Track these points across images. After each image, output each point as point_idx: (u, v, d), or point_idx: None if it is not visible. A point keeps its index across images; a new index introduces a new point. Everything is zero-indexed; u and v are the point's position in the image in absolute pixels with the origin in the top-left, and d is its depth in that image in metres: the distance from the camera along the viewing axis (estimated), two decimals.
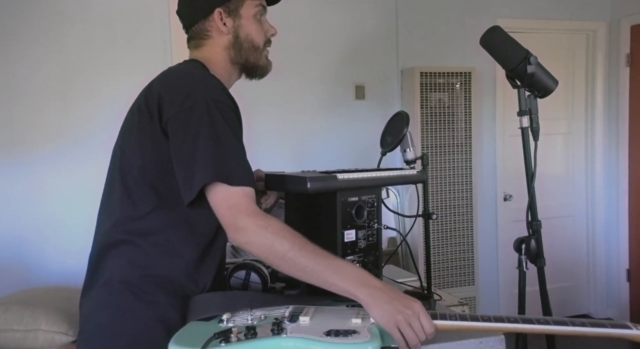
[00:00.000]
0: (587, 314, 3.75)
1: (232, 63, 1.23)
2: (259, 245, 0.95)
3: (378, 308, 0.90)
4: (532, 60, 1.39)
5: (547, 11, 3.49)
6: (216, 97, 1.05)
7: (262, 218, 0.97)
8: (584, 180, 3.73)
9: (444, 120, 3.17)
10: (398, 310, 0.89)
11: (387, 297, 0.91)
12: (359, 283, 0.94)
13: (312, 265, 0.95)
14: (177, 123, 1.02)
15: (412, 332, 0.88)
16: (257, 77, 1.31)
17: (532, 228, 1.47)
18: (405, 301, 0.91)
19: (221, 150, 1.00)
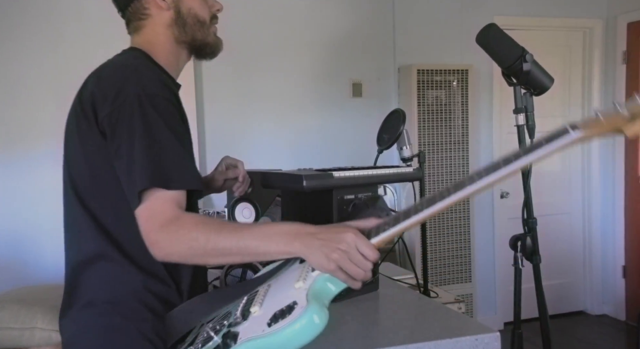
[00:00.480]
0: (583, 310, 3.77)
1: (177, 43, 1.12)
2: (177, 252, 0.88)
3: (313, 255, 0.83)
4: (528, 57, 1.39)
5: (544, 8, 3.50)
6: (150, 90, 0.95)
7: (172, 224, 0.88)
8: (580, 177, 3.74)
9: (441, 118, 3.17)
10: (332, 249, 0.82)
11: (319, 240, 0.84)
12: (291, 238, 0.86)
13: (235, 244, 0.87)
14: (110, 123, 0.93)
15: (354, 266, 0.82)
16: (207, 57, 1.20)
17: (527, 226, 1.48)
18: (337, 236, 0.83)
19: (155, 150, 0.91)
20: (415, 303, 1.26)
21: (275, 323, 0.79)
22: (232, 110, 2.96)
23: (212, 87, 2.91)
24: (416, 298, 1.30)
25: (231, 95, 2.96)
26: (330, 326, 1.07)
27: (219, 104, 2.93)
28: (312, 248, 0.83)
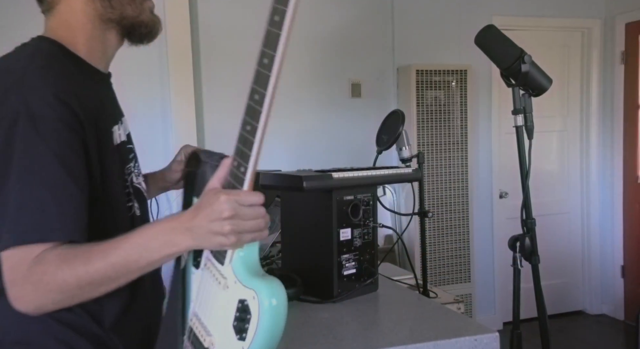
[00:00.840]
0: (582, 310, 3.77)
1: (102, 22, 0.89)
2: (49, 302, 0.75)
3: (208, 241, 0.73)
4: (527, 59, 1.39)
5: (542, 8, 3.50)
6: (36, 108, 0.74)
7: (34, 272, 0.72)
8: (579, 177, 3.75)
9: (440, 118, 3.17)
10: (221, 224, 0.71)
11: (202, 223, 0.72)
12: (171, 238, 0.74)
13: (111, 268, 0.74)
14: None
15: (251, 221, 0.73)
16: (144, 40, 0.98)
17: (526, 226, 1.48)
18: (214, 207, 0.72)
19: (31, 196, 0.74)
20: (415, 303, 1.26)
21: (245, 333, 0.72)
22: (231, 110, 2.95)
23: (211, 86, 2.91)
24: (415, 298, 1.31)
25: (230, 95, 2.96)
26: (330, 326, 1.08)
27: (217, 104, 2.93)
28: (201, 236, 0.73)
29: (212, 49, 2.91)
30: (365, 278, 1.29)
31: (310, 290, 1.27)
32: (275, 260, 1.53)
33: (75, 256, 0.74)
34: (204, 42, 2.89)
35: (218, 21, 2.92)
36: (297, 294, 1.23)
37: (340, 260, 1.25)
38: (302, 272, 1.29)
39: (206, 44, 2.89)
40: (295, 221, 1.32)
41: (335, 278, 1.23)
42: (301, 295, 1.25)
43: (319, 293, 1.25)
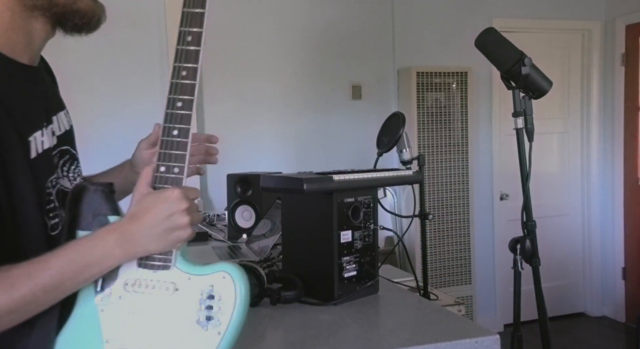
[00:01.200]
0: (583, 312, 3.77)
1: (26, 9, 0.76)
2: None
3: (157, 245, 0.70)
4: (527, 61, 1.39)
5: (543, 10, 3.51)
6: None
7: None
8: (579, 179, 3.75)
9: (440, 120, 3.18)
10: (172, 226, 0.69)
11: (152, 225, 0.69)
12: (114, 249, 0.69)
13: (41, 289, 0.65)
14: None
15: (195, 227, 0.72)
16: (82, 31, 0.85)
17: (526, 229, 1.48)
18: (162, 207, 0.69)
19: None
20: (415, 305, 1.26)
21: (216, 318, 0.72)
22: (232, 112, 2.97)
23: (212, 89, 2.92)
24: (416, 300, 1.31)
25: (231, 98, 2.97)
26: (331, 329, 1.08)
27: (218, 106, 2.94)
28: (155, 237, 0.69)
29: (213, 46, 2.91)
30: (366, 280, 1.29)
31: (310, 292, 1.27)
32: (276, 262, 1.53)
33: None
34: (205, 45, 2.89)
35: (221, 26, 2.92)
36: (297, 297, 1.24)
37: (341, 262, 1.25)
38: (302, 274, 1.29)
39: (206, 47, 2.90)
40: (296, 223, 1.32)
41: (336, 280, 1.23)
42: (302, 297, 1.25)
43: (320, 295, 1.25)
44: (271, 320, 1.14)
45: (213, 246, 1.92)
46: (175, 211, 0.69)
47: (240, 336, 0.76)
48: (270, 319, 1.15)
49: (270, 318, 1.15)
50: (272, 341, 1.04)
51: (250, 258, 1.65)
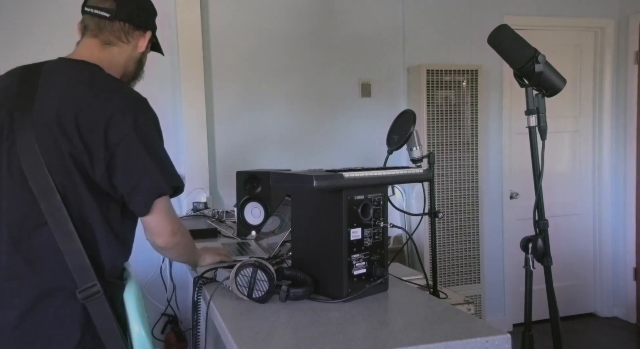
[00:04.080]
0: (593, 312, 3.74)
1: (122, 71, 1.30)
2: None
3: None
4: (540, 58, 1.38)
5: (555, 8, 3.47)
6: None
7: None
8: (590, 178, 3.71)
9: (450, 118, 3.16)
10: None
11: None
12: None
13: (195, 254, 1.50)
14: None
15: None
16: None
17: (538, 228, 1.47)
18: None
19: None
20: (425, 304, 1.26)
21: None
22: (241, 110, 2.97)
23: (221, 85, 2.93)
24: (426, 299, 1.30)
25: (240, 95, 2.97)
26: (341, 326, 1.08)
27: (227, 103, 2.94)
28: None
29: (222, 44, 2.92)
30: (375, 278, 1.29)
31: (320, 289, 1.27)
32: (285, 259, 1.53)
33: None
34: (215, 43, 2.90)
35: (229, 16, 2.92)
36: (307, 294, 1.24)
37: (351, 260, 1.24)
38: (311, 271, 1.29)
39: (216, 44, 2.90)
40: (306, 220, 1.32)
41: (345, 278, 1.23)
42: (311, 294, 1.25)
43: (329, 292, 1.25)
44: (280, 317, 1.14)
45: (222, 243, 1.93)
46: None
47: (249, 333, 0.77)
48: (279, 316, 1.15)
49: (279, 314, 1.16)
50: (281, 337, 1.04)
51: (259, 255, 1.66)
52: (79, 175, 1.11)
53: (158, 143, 1.19)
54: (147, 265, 2.79)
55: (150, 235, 1.22)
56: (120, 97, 1.16)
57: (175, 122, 2.85)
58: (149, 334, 1.20)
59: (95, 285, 1.11)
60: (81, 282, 1.11)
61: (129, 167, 1.13)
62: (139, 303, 1.21)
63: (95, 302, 1.11)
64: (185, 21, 2.79)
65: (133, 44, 1.29)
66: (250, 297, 1.22)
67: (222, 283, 1.32)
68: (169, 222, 1.21)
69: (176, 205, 2.82)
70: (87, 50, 1.24)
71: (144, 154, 1.13)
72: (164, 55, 1.47)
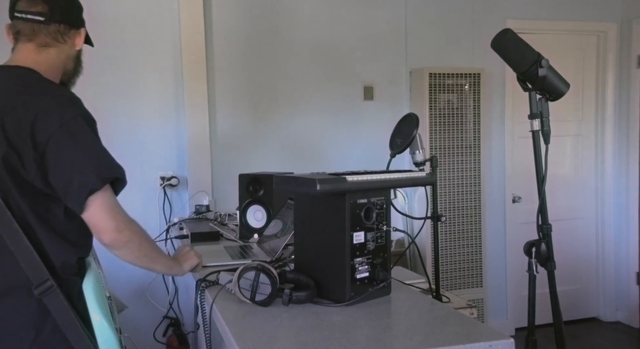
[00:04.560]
0: (596, 317, 3.72)
1: (62, 71, 1.32)
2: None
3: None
4: (544, 63, 1.38)
5: (557, 12, 3.47)
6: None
7: None
8: (593, 182, 3.70)
9: (452, 122, 3.16)
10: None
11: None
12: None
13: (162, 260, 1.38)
14: None
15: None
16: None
17: (542, 232, 1.46)
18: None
19: None
20: (428, 308, 1.26)
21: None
22: (243, 112, 2.98)
23: (224, 89, 2.93)
24: (428, 302, 1.30)
25: (243, 98, 2.98)
26: (343, 330, 1.07)
27: (230, 106, 2.95)
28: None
29: (225, 46, 2.93)
30: (378, 281, 1.29)
31: (322, 293, 1.27)
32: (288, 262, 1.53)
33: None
34: (217, 45, 2.90)
35: (232, 19, 2.93)
36: (310, 297, 1.23)
37: (353, 263, 1.24)
38: (314, 275, 1.29)
39: (219, 47, 2.91)
40: (308, 223, 1.32)
41: (348, 282, 1.23)
42: (314, 298, 1.25)
43: (332, 295, 1.25)
44: (283, 320, 1.14)
45: (225, 246, 1.93)
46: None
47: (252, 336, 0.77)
48: (282, 319, 1.15)
49: (282, 318, 1.15)
50: (284, 341, 1.04)
51: (261, 258, 1.66)
52: (9, 179, 1.13)
53: (89, 138, 1.17)
54: None
55: (95, 232, 1.18)
56: (45, 97, 1.17)
57: (178, 124, 2.85)
58: (111, 323, 1.21)
59: (48, 279, 1.13)
60: (35, 279, 1.13)
61: (59, 165, 1.12)
62: (97, 293, 1.21)
63: (51, 296, 1.13)
64: (188, 24, 2.80)
65: (70, 43, 1.31)
66: (253, 300, 1.21)
67: (224, 286, 1.32)
68: (110, 218, 1.16)
69: (179, 207, 2.82)
70: (23, 55, 1.25)
71: (73, 150, 1.13)
72: (94, 46, 1.45)
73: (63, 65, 1.31)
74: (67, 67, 1.33)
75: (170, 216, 2.79)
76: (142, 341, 2.79)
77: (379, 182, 1.27)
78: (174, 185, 2.80)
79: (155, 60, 2.81)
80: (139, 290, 2.77)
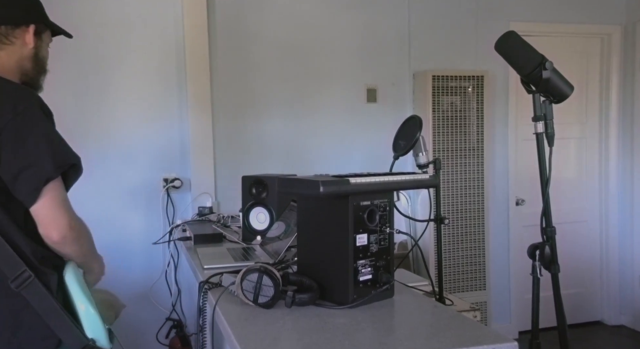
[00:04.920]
0: (600, 320, 3.70)
1: (19, 72, 1.27)
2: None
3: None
4: (548, 65, 1.38)
5: (561, 14, 3.47)
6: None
7: None
8: (597, 185, 3.69)
9: (456, 124, 3.15)
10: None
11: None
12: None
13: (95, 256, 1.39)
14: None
15: None
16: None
17: (546, 235, 1.46)
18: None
19: None
20: (431, 310, 1.25)
21: None
22: (245, 114, 2.98)
23: (224, 91, 2.94)
24: (432, 305, 1.30)
25: (244, 100, 2.98)
26: (347, 332, 1.07)
27: (231, 109, 2.95)
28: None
29: (227, 47, 2.93)
30: (381, 284, 1.28)
31: (325, 295, 1.26)
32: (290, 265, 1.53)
33: None
34: (221, 48, 2.91)
35: (234, 20, 2.94)
36: (313, 299, 1.23)
37: (356, 266, 1.24)
38: (317, 277, 1.29)
39: (222, 49, 2.92)
40: (311, 226, 1.32)
41: (351, 284, 1.23)
42: (317, 300, 1.24)
43: (335, 298, 1.25)
44: (286, 322, 1.14)
45: (228, 248, 1.93)
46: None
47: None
48: (285, 321, 1.15)
49: (285, 320, 1.15)
50: (287, 343, 1.03)
51: (264, 260, 1.65)
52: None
53: (44, 127, 1.15)
54: (151, 269, 2.80)
55: (44, 227, 1.13)
56: (3, 82, 1.18)
57: (182, 126, 2.86)
58: (95, 309, 1.20)
59: (25, 270, 1.12)
60: (11, 272, 1.12)
61: (12, 154, 1.10)
62: (80, 282, 1.20)
63: (29, 287, 1.12)
64: (192, 26, 2.81)
65: (19, 43, 1.26)
66: (256, 302, 1.21)
67: (227, 287, 1.32)
68: (62, 212, 1.13)
69: (182, 208, 2.83)
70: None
71: (26, 139, 1.10)
72: (72, 37, 1.42)
73: (18, 66, 1.27)
74: (25, 68, 1.28)
75: (174, 218, 2.80)
76: (145, 342, 2.79)
77: (383, 184, 1.27)
78: (177, 186, 2.80)
79: (158, 63, 2.82)
80: (141, 291, 2.77)
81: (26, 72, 1.29)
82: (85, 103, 2.72)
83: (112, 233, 2.68)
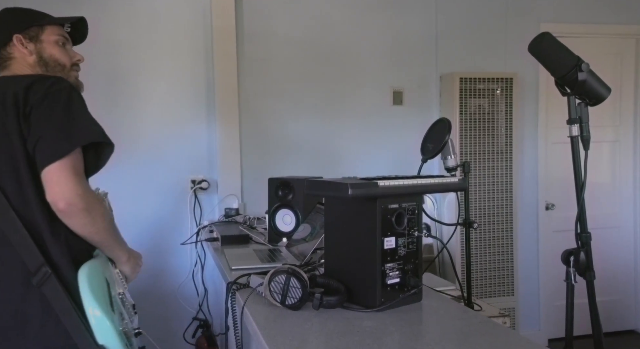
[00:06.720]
0: (635, 329, 3.58)
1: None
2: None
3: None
4: (584, 67, 1.34)
5: (594, 15, 3.38)
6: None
7: None
8: (631, 190, 3.57)
9: (483, 127, 3.11)
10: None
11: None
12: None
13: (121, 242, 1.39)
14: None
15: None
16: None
17: (581, 240, 1.42)
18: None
19: None
20: (460, 316, 1.23)
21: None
22: (272, 117, 3.00)
23: (252, 93, 2.96)
24: (461, 310, 1.27)
25: (271, 102, 3.00)
26: (375, 336, 1.06)
27: (258, 111, 2.98)
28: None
29: (254, 51, 2.96)
30: (409, 287, 1.27)
31: (352, 298, 1.26)
32: (317, 267, 1.53)
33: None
34: (248, 50, 2.94)
35: (261, 24, 2.96)
36: (340, 302, 1.23)
37: (384, 269, 1.23)
38: (344, 279, 1.29)
39: (250, 52, 2.94)
40: (339, 228, 1.32)
41: (378, 287, 1.22)
42: (344, 303, 1.24)
43: (362, 301, 1.24)
44: (314, 324, 1.14)
45: (254, 249, 1.94)
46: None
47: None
48: (312, 323, 1.15)
49: (312, 322, 1.15)
50: (315, 345, 1.03)
51: (290, 261, 1.66)
52: (21, 151, 1.16)
53: (72, 104, 1.19)
54: (178, 269, 2.84)
55: (51, 191, 1.12)
56: (38, 75, 1.29)
57: (210, 128, 2.89)
58: (109, 314, 1.16)
59: (43, 264, 1.14)
60: (32, 266, 1.15)
61: (38, 124, 1.15)
62: (91, 284, 1.16)
63: (48, 283, 1.14)
64: (220, 29, 2.84)
65: (19, 55, 1.33)
66: (284, 304, 1.22)
67: (255, 288, 1.33)
68: (73, 178, 1.12)
69: (208, 210, 2.86)
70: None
71: (53, 110, 1.16)
72: (79, 18, 1.43)
73: (35, 72, 1.33)
74: (40, 71, 1.34)
75: (201, 219, 2.83)
76: (172, 342, 2.83)
77: (411, 187, 1.26)
78: (205, 188, 2.84)
79: (187, 67, 2.87)
80: (168, 291, 2.81)
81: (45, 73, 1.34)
82: (117, 106, 2.78)
83: (142, 233, 2.74)
